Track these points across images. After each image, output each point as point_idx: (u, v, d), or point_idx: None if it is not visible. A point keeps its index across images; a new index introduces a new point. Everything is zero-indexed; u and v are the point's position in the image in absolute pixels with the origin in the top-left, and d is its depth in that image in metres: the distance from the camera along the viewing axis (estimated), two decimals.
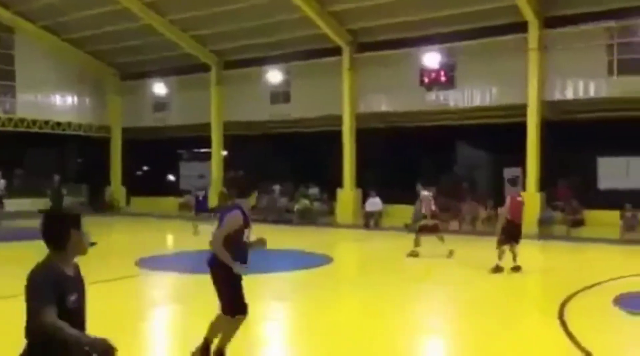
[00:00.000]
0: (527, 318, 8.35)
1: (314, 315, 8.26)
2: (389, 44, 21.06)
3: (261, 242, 5.66)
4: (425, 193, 13.55)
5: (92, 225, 3.48)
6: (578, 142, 18.51)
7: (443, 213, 19.60)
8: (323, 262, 12.76)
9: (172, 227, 21.65)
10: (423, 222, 13.49)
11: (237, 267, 5.25)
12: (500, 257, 11.22)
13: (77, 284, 3.14)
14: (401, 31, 20.50)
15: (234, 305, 5.38)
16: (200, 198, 19.05)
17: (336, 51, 22.08)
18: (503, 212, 11.65)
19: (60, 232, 3.06)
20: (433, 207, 13.48)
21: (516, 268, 11.20)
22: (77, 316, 3.05)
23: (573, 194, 18.43)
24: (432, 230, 13.44)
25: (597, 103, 18.22)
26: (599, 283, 10.08)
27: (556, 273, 12.17)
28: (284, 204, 23.02)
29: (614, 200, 17.37)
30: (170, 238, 19.02)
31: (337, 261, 13.15)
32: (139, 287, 10.52)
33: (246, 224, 5.38)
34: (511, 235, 11.40)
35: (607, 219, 17.16)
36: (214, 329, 5.51)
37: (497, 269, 11.13)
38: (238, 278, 5.39)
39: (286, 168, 24.90)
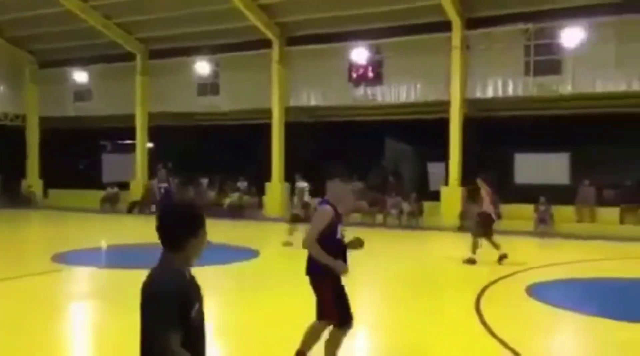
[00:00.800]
0: (445, 308, 8.68)
1: (235, 310, 8.24)
2: (319, 39, 21.18)
3: (358, 242, 5.16)
4: (301, 184, 14.17)
5: (6, 219, 3.29)
6: (497, 138, 19.31)
7: (370, 207, 20.10)
8: (249, 255, 12.73)
9: (93, 222, 20.97)
10: (295, 212, 14.17)
11: (340, 266, 4.84)
12: (473, 249, 11.61)
13: (198, 291, 2.64)
14: (331, 26, 20.66)
15: (339, 315, 4.94)
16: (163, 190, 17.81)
17: (266, 44, 21.98)
18: (485, 206, 12.23)
19: (190, 229, 2.54)
20: (306, 198, 14.13)
21: (470, 260, 11.61)
22: (201, 334, 2.60)
23: (492, 189, 19.17)
24: (303, 220, 14.05)
25: (514, 102, 19.09)
26: (513, 274, 10.60)
27: (476, 265, 12.66)
28: (212, 198, 22.76)
29: (529, 194, 18.26)
30: (90, 233, 18.38)
31: (264, 255, 13.15)
32: (53, 283, 10.11)
33: (338, 219, 4.95)
34: (485, 226, 11.90)
35: (523, 213, 18.03)
36: (309, 339, 5.03)
37: (470, 261, 11.53)
38: (340, 283, 4.97)
39: (215, 161, 24.61)
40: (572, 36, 17.25)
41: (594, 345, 6.86)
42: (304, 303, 4.97)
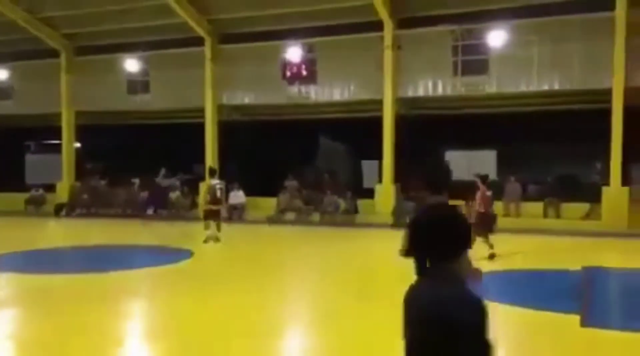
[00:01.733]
0: (376, 307, 8.75)
1: (167, 312, 8.07)
2: (252, 36, 21.03)
3: (477, 273, 4.37)
4: (214, 181, 14.66)
5: None
6: (428, 136, 19.79)
7: (306, 206, 20.18)
8: (182, 257, 12.50)
9: (16, 224, 20.02)
10: (207, 207, 14.60)
11: None
12: (490, 246, 11.81)
13: None
14: (264, 24, 20.56)
15: None
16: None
17: (198, 41, 21.64)
18: (475, 206, 12.41)
19: (464, 238, 2.16)
20: (218, 194, 14.57)
21: (492, 256, 11.82)
22: None
23: (425, 185, 19.67)
24: (214, 215, 14.48)
25: (444, 101, 19.62)
26: None
27: (409, 262, 12.91)
28: (144, 198, 22.20)
29: (459, 190, 18.78)
30: (13, 236, 17.54)
31: (197, 256, 12.95)
32: None
33: None
34: (487, 225, 12.17)
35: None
36: None
37: (491, 256, 11.79)
38: None
39: (146, 161, 24.00)
40: (496, 37, 17.90)
41: (524, 337, 7.13)
42: (237, 301, 4.93)
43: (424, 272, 2.18)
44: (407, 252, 2.22)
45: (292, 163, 21.24)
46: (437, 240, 2.13)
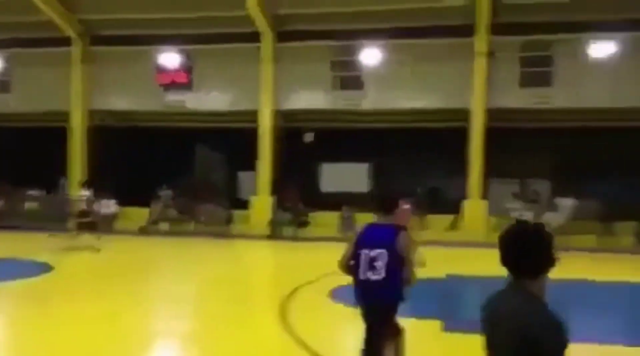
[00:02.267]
0: (252, 316, 8.70)
1: (15, 331, 7.44)
2: (127, 40, 20.23)
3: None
4: (83, 192, 15.19)
5: None
6: (306, 149, 20.05)
7: (181, 215, 19.63)
8: (40, 270, 11.61)
9: None
10: (77, 220, 15.02)
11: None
12: None
13: None
14: (140, 27, 19.84)
15: (398, 328, 4.94)
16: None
17: (66, 42, 20.41)
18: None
19: (550, 255, 2.21)
20: (84, 206, 15.09)
21: None
22: None
23: (300, 197, 19.91)
24: (87, 226, 14.93)
25: (322, 114, 20.02)
26: (318, 279, 11.03)
27: (283, 270, 12.98)
28: (1, 207, 20.42)
29: (334, 202, 19.24)
30: None
31: (58, 270, 12.08)
32: None
33: None
34: None
35: (329, 219, 18.94)
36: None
37: None
38: None
39: (2, 167, 22.09)
40: (371, 55, 18.63)
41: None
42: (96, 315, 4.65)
43: (509, 287, 2.23)
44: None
45: (167, 173, 20.56)
46: (521, 258, 2.20)
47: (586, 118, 18.09)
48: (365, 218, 18.72)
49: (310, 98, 19.91)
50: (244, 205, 20.04)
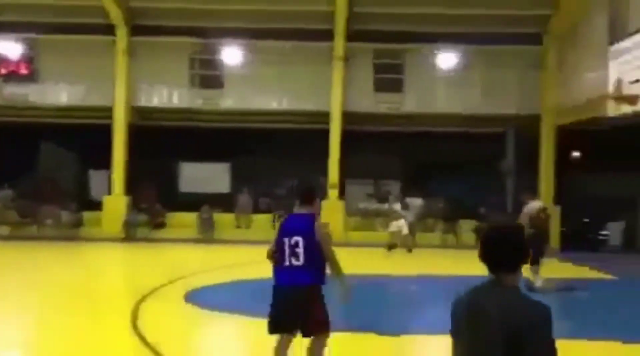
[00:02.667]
0: (100, 324, 8.22)
1: None
2: None
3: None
4: None
5: None
6: (163, 147, 19.39)
7: (23, 218, 18.07)
8: None
9: None
10: None
11: (346, 280, 4.99)
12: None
13: None
14: None
15: (328, 322, 4.92)
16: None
17: None
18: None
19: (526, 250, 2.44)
20: None
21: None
22: None
23: (157, 197, 19.23)
24: None
25: (180, 112, 19.50)
26: (174, 281, 10.71)
27: (137, 274, 12.45)
28: None
29: (193, 202, 18.81)
30: None
31: None
32: None
33: None
34: None
35: (187, 220, 18.49)
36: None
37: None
38: None
39: None
40: (232, 55, 18.48)
41: (246, 345, 7.33)
42: None
43: (490, 282, 2.40)
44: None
45: (7, 171, 18.82)
46: (504, 254, 2.40)
47: (434, 123, 19.37)
48: (226, 219, 18.82)
49: (168, 96, 19.31)
50: (96, 206, 18.93)
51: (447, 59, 18.52)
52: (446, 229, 18.26)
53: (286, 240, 4.78)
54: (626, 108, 11.35)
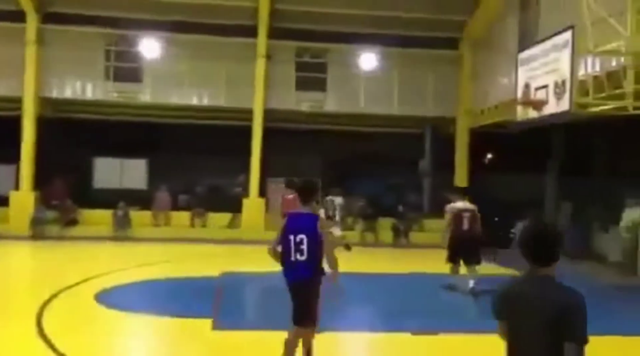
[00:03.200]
0: (4, 324, 7.79)
1: None
2: None
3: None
4: None
5: None
6: (75, 141, 18.60)
7: None
8: None
9: None
10: None
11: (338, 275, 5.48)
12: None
13: None
14: None
15: (313, 317, 5.39)
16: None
17: None
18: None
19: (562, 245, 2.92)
20: None
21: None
22: None
23: (68, 193, 18.41)
24: None
25: (94, 105, 18.77)
26: (84, 281, 10.29)
27: (45, 274, 11.88)
28: None
29: (108, 198, 18.15)
30: None
31: None
32: None
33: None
34: None
35: (102, 218, 17.82)
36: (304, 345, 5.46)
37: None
38: None
39: None
40: (150, 47, 17.96)
41: (159, 345, 7.15)
42: None
43: (533, 275, 2.87)
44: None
45: None
46: (543, 250, 2.86)
47: (355, 122, 19.65)
48: (142, 217, 18.38)
49: (82, 88, 18.53)
50: (2, 201, 17.89)
51: (368, 60, 18.81)
52: (365, 227, 18.55)
53: (291, 237, 5.28)
54: (532, 113, 11.96)
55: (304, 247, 5.22)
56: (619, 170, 16.33)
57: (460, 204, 10.36)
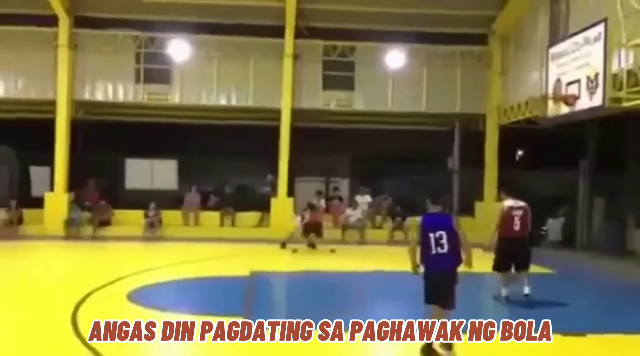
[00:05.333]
0: (40, 324, 7.96)
1: None
2: None
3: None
4: None
5: None
6: (107, 143, 18.94)
7: None
8: None
9: None
10: None
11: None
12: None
13: None
14: None
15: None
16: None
17: None
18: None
19: None
20: None
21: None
22: None
23: (101, 194, 18.75)
24: None
25: (125, 107, 19.05)
26: (117, 280, 10.47)
27: (79, 273, 12.12)
28: None
29: (139, 199, 18.43)
30: None
31: None
32: None
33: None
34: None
35: (134, 218, 18.11)
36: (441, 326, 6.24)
37: None
38: None
39: None
40: (179, 49, 18.17)
41: (187, 345, 7.23)
42: None
43: None
44: None
45: None
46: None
47: (383, 121, 19.58)
48: (173, 217, 18.61)
49: (113, 90, 18.83)
50: (37, 203, 18.29)
51: (395, 58, 18.69)
52: (394, 226, 18.46)
53: (431, 235, 6.26)
54: (564, 109, 11.76)
55: (444, 241, 6.22)
56: None
57: (511, 202, 9.24)
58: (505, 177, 18.39)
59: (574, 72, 11.49)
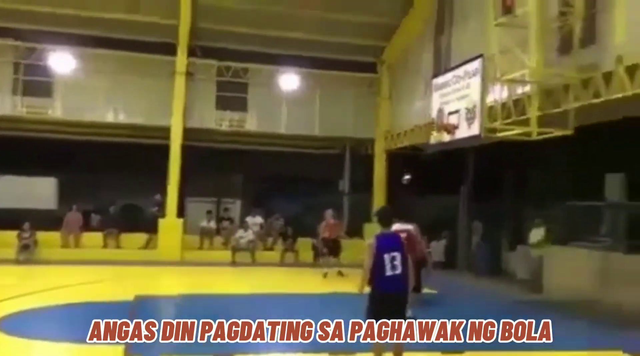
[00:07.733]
0: None
1: None
2: None
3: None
4: None
5: None
6: None
7: None
8: None
9: None
10: None
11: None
12: None
13: None
14: None
15: None
16: None
17: None
18: None
19: None
20: None
21: None
22: None
23: None
24: None
25: (2, 120, 17.76)
26: None
27: None
28: None
29: (12, 219, 17.13)
30: None
31: None
32: None
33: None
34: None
35: (5, 239, 16.80)
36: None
37: None
38: None
39: None
40: (62, 61, 17.30)
41: None
42: None
43: None
44: None
45: None
46: None
47: (276, 143, 19.69)
48: (51, 238, 17.45)
49: None
50: None
51: (289, 81, 18.96)
52: (285, 247, 18.49)
53: (386, 256, 6.16)
54: (446, 137, 12.44)
55: (397, 262, 6.18)
56: (526, 192, 17.20)
57: (397, 226, 9.39)
58: (393, 200, 19.09)
59: (455, 103, 12.20)
